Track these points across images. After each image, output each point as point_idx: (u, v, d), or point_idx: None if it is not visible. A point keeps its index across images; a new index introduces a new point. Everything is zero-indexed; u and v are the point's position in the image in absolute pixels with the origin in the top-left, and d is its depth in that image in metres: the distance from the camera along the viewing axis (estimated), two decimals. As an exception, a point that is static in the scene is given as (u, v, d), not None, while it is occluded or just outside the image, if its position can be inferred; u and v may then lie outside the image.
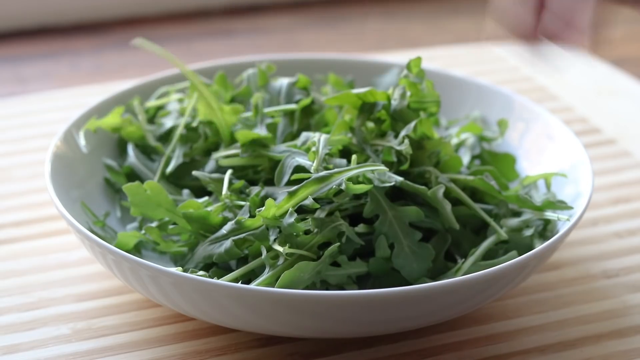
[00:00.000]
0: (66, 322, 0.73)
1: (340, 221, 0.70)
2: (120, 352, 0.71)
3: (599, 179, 0.89)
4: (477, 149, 0.83)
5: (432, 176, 0.74)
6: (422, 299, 0.66)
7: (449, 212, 0.72)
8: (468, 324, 0.73)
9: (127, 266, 0.68)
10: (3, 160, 0.92)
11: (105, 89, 0.97)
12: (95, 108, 0.84)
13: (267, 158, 0.76)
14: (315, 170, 0.71)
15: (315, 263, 0.68)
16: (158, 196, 0.73)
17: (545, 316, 0.75)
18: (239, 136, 0.76)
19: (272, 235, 0.70)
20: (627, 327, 0.74)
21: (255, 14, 1.27)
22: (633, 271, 0.79)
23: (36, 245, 0.81)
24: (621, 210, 0.87)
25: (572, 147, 0.81)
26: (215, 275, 0.70)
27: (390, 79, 0.88)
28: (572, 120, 0.99)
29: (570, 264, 0.80)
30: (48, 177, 0.75)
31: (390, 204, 0.71)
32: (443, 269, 0.72)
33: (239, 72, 0.88)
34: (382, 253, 0.71)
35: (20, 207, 0.86)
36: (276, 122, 0.80)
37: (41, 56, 1.16)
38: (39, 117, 0.99)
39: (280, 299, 0.65)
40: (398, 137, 0.74)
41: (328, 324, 0.67)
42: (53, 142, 0.79)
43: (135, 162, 0.81)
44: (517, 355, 0.71)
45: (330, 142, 0.75)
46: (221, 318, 0.68)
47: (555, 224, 0.74)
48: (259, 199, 0.73)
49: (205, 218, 0.72)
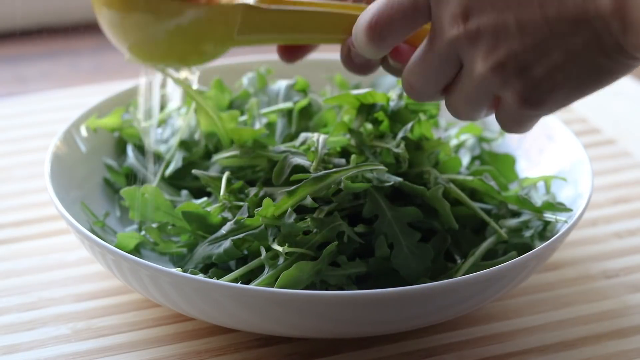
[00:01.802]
0: (66, 322, 0.73)
1: (340, 221, 0.70)
2: (120, 352, 0.71)
3: (598, 179, 0.89)
4: (476, 150, 0.83)
5: (431, 177, 0.74)
6: (421, 299, 0.66)
7: (448, 212, 0.72)
8: (468, 324, 0.73)
9: (126, 266, 0.68)
10: (3, 160, 0.92)
11: (105, 89, 0.97)
12: (95, 108, 0.84)
13: (266, 158, 0.76)
14: (315, 170, 0.71)
15: (314, 263, 0.68)
16: (156, 199, 0.74)
17: (545, 316, 0.75)
18: (234, 135, 0.76)
19: (271, 235, 0.70)
20: (627, 327, 0.74)
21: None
22: (633, 271, 0.79)
23: (36, 245, 0.81)
24: (621, 210, 0.87)
25: (572, 148, 0.81)
26: (214, 275, 0.70)
27: (391, 80, 0.88)
28: (571, 120, 0.99)
29: (570, 264, 0.80)
30: (48, 177, 0.75)
31: (390, 204, 0.71)
32: (443, 269, 0.72)
33: (238, 73, 0.88)
34: (382, 253, 0.71)
35: (20, 207, 0.86)
36: (272, 120, 0.80)
37: (41, 56, 1.16)
38: (39, 117, 0.99)
39: (280, 299, 0.65)
40: (396, 139, 0.74)
41: (328, 324, 0.67)
42: (53, 142, 0.79)
43: (134, 163, 0.81)
44: (517, 355, 0.71)
45: (329, 142, 0.75)
46: (221, 318, 0.68)
47: (554, 225, 0.74)
48: (257, 199, 0.73)
49: (204, 218, 0.72)
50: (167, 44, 0.70)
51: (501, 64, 0.60)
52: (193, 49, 0.71)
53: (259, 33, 0.71)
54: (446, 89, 0.64)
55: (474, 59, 0.60)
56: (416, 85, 0.64)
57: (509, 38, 0.59)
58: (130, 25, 0.70)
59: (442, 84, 0.63)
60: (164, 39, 0.70)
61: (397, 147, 0.74)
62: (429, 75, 0.63)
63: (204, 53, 0.72)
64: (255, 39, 0.71)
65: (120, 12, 0.70)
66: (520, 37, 0.59)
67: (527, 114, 0.62)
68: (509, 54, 0.59)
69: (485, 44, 0.60)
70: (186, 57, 0.72)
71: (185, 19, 0.69)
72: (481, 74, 0.60)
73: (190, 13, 0.69)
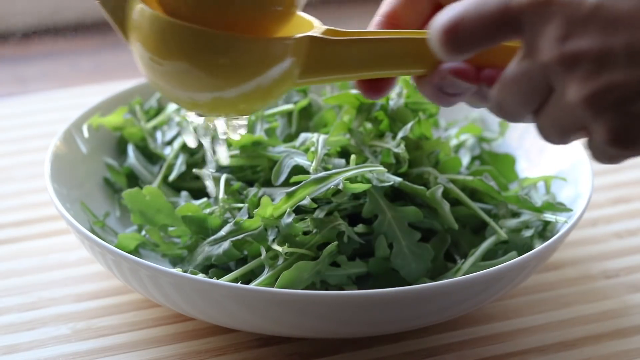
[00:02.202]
0: (66, 322, 0.73)
1: (340, 221, 0.70)
2: (120, 352, 0.71)
3: (598, 179, 0.89)
4: (476, 150, 0.83)
5: (431, 177, 0.74)
6: (421, 299, 0.66)
7: (448, 212, 0.72)
8: (468, 324, 0.73)
9: (126, 266, 0.68)
10: (3, 160, 0.92)
11: (105, 89, 0.97)
12: (95, 108, 0.84)
13: (266, 158, 0.76)
14: (315, 170, 0.71)
15: (314, 263, 0.68)
16: (157, 201, 0.73)
17: (545, 316, 0.75)
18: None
19: (270, 236, 0.70)
20: (627, 327, 0.74)
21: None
22: (633, 271, 0.79)
23: (36, 245, 0.81)
24: (621, 210, 0.87)
25: (572, 147, 0.81)
26: (214, 275, 0.70)
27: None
28: (572, 120, 0.99)
29: (570, 264, 0.80)
30: (48, 177, 0.75)
31: (389, 204, 0.71)
32: (443, 269, 0.72)
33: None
34: (382, 253, 0.71)
35: (20, 207, 0.86)
36: (274, 126, 0.79)
37: (41, 56, 1.16)
38: (39, 117, 0.99)
39: (280, 299, 0.65)
40: (396, 139, 0.74)
41: (328, 324, 0.67)
42: (53, 142, 0.79)
43: (134, 164, 0.81)
44: (518, 355, 0.71)
45: (329, 142, 0.75)
46: (221, 318, 0.68)
47: (554, 225, 0.74)
48: (256, 199, 0.73)
49: (203, 221, 0.72)
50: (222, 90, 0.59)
51: (597, 94, 0.53)
52: (245, 94, 0.59)
53: (326, 69, 0.60)
54: (537, 111, 0.57)
55: (567, 85, 0.54)
56: (505, 107, 0.57)
57: (612, 66, 0.52)
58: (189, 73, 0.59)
59: (533, 106, 0.56)
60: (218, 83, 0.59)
61: (397, 147, 0.74)
62: (519, 97, 0.56)
63: (262, 98, 0.60)
64: (321, 77, 0.61)
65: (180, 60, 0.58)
66: (627, 66, 0.52)
67: (616, 153, 0.56)
68: (608, 85, 0.53)
69: (582, 70, 0.53)
70: (234, 105, 0.61)
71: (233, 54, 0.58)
72: (572, 102, 0.54)
73: (240, 47, 0.58)
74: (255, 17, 0.59)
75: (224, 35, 0.57)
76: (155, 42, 0.58)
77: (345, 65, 0.60)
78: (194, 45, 0.58)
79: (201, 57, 0.58)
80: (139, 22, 0.59)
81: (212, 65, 0.58)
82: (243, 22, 0.59)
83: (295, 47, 0.59)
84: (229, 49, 0.58)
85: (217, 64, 0.58)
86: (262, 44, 0.58)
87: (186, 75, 0.58)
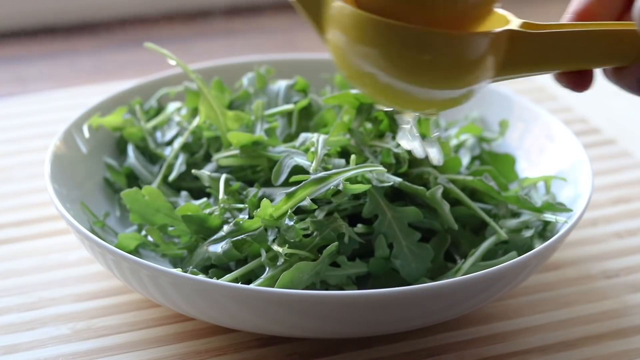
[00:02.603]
0: (66, 322, 0.73)
1: (340, 222, 0.70)
2: (120, 352, 0.71)
3: (599, 179, 0.89)
4: (476, 150, 0.83)
5: (431, 177, 0.74)
6: (421, 299, 0.66)
7: (448, 212, 0.72)
8: (468, 324, 0.73)
9: (126, 266, 0.68)
10: (3, 160, 0.92)
11: (105, 89, 0.97)
12: (95, 108, 0.84)
13: (266, 158, 0.76)
14: (314, 170, 0.71)
15: (314, 263, 0.68)
16: (156, 201, 0.73)
17: (545, 316, 0.75)
18: (231, 138, 0.76)
19: (270, 236, 0.70)
20: (627, 327, 0.74)
21: (254, 14, 1.27)
22: (633, 271, 0.79)
23: (36, 245, 0.81)
24: (621, 210, 0.87)
25: (572, 148, 0.81)
26: (215, 275, 0.70)
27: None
28: (571, 120, 0.99)
29: (570, 264, 0.80)
30: (48, 177, 0.75)
31: (389, 204, 0.71)
32: (443, 270, 0.72)
33: (238, 73, 0.88)
34: (382, 253, 0.71)
35: (20, 207, 0.86)
36: (274, 126, 0.79)
37: (41, 56, 1.16)
38: (39, 117, 0.99)
39: (280, 299, 0.65)
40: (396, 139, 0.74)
41: (328, 324, 0.67)
42: (53, 142, 0.79)
43: (134, 164, 0.81)
44: (518, 355, 0.71)
45: (329, 142, 0.75)
46: (221, 318, 0.68)
47: (554, 225, 0.74)
48: (256, 199, 0.73)
49: (203, 221, 0.72)
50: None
51: None
52: (443, 90, 0.58)
53: (526, 63, 0.59)
54: None
55: None
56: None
57: None
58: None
59: None
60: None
61: (397, 147, 0.74)
62: None
63: (460, 94, 0.59)
64: (520, 71, 0.59)
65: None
66: None
67: None
68: None
69: None
70: (431, 101, 0.59)
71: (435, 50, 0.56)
72: None
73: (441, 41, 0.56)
74: (458, 13, 0.58)
75: (428, 32, 0.56)
76: (359, 40, 0.57)
77: (545, 59, 0.59)
78: (399, 42, 0.57)
79: (405, 54, 0.57)
80: (338, 18, 0.58)
81: (415, 61, 0.57)
82: (443, 18, 0.58)
83: (495, 42, 0.58)
84: (435, 46, 0.57)
85: (421, 61, 0.57)
86: (465, 40, 0.57)
87: (386, 71, 0.57)
